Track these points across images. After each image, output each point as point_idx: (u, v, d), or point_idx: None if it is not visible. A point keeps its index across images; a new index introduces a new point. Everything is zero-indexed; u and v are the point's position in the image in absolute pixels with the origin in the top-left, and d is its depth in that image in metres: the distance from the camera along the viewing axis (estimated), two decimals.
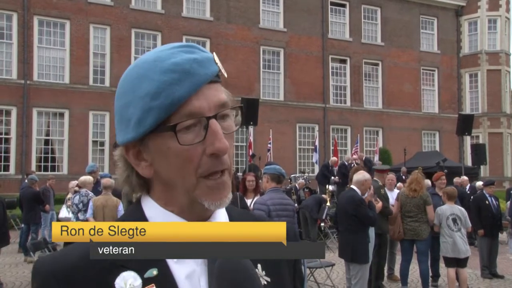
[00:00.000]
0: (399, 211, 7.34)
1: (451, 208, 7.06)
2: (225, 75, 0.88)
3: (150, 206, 0.88)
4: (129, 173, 0.89)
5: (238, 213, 0.96)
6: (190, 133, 0.81)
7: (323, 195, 13.68)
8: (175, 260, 0.82)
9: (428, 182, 9.30)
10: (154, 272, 0.79)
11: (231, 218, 0.92)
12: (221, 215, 0.90)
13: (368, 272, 6.25)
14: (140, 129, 0.82)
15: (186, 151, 0.81)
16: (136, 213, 0.88)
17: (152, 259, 0.79)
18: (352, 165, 16.08)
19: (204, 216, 0.87)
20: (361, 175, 6.18)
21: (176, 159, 0.82)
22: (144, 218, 0.87)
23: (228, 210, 0.93)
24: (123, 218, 0.91)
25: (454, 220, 6.96)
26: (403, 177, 16.00)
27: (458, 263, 7.01)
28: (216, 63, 0.85)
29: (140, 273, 0.79)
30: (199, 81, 0.81)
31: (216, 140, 0.81)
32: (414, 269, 8.09)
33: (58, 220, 10.67)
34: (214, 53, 0.87)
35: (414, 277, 8.24)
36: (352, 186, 6.18)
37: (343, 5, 26.32)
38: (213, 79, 0.84)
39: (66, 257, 0.82)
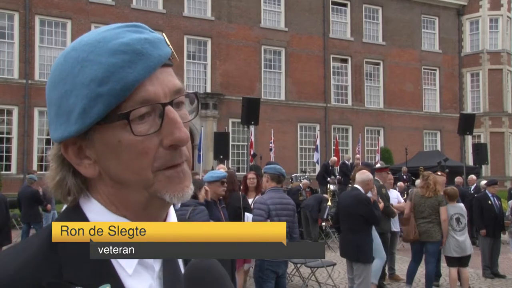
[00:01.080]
0: (411, 212, 7.25)
1: (454, 208, 7.04)
2: (177, 59, 0.80)
3: (96, 211, 0.77)
4: (65, 175, 0.77)
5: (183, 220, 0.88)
6: (144, 123, 0.72)
7: (324, 195, 13.68)
8: (130, 274, 0.74)
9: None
10: None
11: None
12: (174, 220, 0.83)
13: (371, 271, 6.25)
14: (86, 120, 0.71)
15: (140, 143, 0.72)
16: (76, 220, 0.75)
17: (105, 273, 0.72)
18: (355, 164, 16.11)
19: (159, 220, 0.80)
20: (365, 174, 6.19)
21: (129, 153, 0.72)
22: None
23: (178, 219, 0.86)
24: None
25: (458, 220, 6.94)
26: (404, 176, 15.99)
27: (460, 262, 6.99)
28: (168, 45, 0.77)
29: None
30: (153, 63, 0.72)
31: (175, 129, 0.72)
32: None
33: None
34: (163, 33, 0.79)
35: (416, 276, 8.22)
36: (356, 186, 6.18)
37: (344, 5, 26.30)
38: (166, 62, 0.75)
39: (1, 269, 0.70)
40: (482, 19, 28.73)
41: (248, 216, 5.60)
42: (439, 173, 8.45)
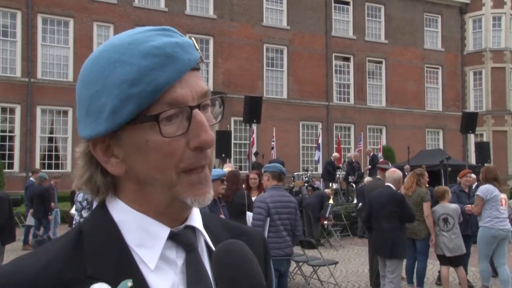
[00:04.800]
0: None
1: (442, 208, 7.01)
2: (204, 62, 0.82)
3: (120, 209, 0.78)
4: (93, 172, 0.79)
5: (209, 218, 0.89)
6: (172, 124, 0.74)
7: (327, 190, 13.70)
8: (152, 269, 0.75)
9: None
10: (128, 283, 0.71)
11: (204, 222, 0.85)
12: (197, 218, 0.83)
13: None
14: (116, 119, 0.73)
15: (167, 144, 0.73)
16: (102, 218, 0.78)
17: (127, 268, 0.73)
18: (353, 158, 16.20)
19: (181, 218, 0.81)
20: (396, 173, 6.37)
21: (156, 153, 0.74)
22: (112, 224, 0.77)
23: (202, 215, 0.86)
24: (87, 226, 0.78)
25: (445, 220, 6.90)
26: (407, 174, 15.97)
27: (451, 262, 6.95)
28: (197, 49, 0.78)
29: (113, 284, 0.70)
30: (183, 66, 0.74)
31: (201, 131, 0.74)
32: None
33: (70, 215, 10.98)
34: (192, 38, 0.80)
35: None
36: (388, 184, 6.29)
37: (347, 3, 26.26)
38: (194, 66, 0.77)
39: (25, 269, 0.71)
40: (485, 17, 28.64)
41: (249, 215, 5.60)
42: (469, 176, 8.50)
